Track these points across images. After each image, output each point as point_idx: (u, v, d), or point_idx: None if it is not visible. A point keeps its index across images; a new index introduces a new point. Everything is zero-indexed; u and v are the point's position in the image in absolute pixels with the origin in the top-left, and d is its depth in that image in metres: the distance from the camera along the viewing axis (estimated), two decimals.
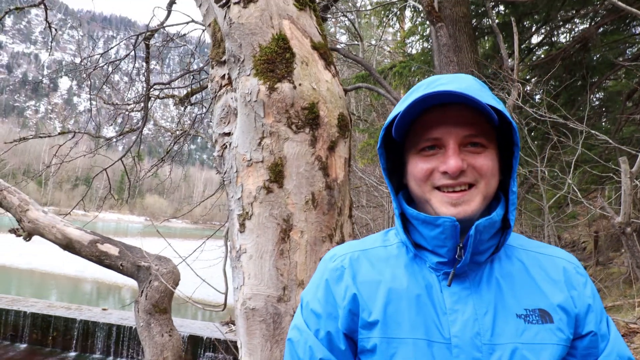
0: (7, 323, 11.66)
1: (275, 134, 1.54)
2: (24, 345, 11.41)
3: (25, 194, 4.22)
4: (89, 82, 7.09)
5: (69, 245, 3.89)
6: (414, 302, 0.99)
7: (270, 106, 1.54)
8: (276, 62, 1.56)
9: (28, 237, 4.08)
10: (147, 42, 6.17)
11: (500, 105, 0.98)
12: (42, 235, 4.01)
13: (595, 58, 8.81)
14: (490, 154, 0.99)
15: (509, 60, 5.12)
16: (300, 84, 1.55)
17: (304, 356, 1.04)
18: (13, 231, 4.18)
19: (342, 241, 1.60)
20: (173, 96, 6.84)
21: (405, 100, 1.01)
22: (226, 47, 1.67)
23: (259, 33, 1.58)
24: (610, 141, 3.21)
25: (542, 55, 9.65)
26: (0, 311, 11.74)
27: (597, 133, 3.34)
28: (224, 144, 1.70)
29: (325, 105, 1.58)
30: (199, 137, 7.15)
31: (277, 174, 1.53)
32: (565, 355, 0.97)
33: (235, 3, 1.58)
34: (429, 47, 8.59)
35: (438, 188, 0.98)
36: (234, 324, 11.39)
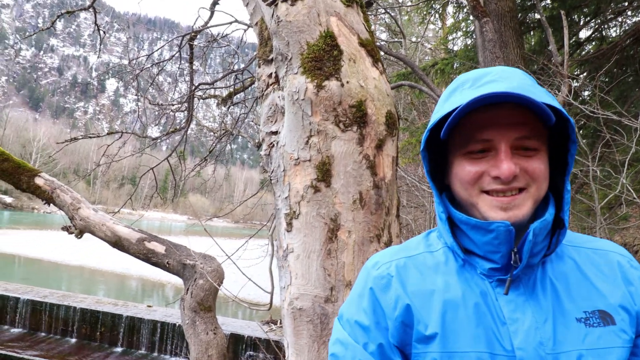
0: (58, 318, 12.16)
1: (322, 132, 1.52)
2: (73, 340, 11.87)
3: (76, 193, 4.37)
4: (136, 84, 7.30)
5: (117, 242, 4.00)
6: (473, 312, 0.94)
7: (317, 104, 1.52)
8: (324, 59, 1.54)
9: (80, 234, 4.22)
10: (191, 43, 6.29)
11: (555, 102, 0.92)
12: (92, 233, 4.15)
13: None
14: (543, 157, 0.93)
15: (558, 54, 4.94)
16: (347, 82, 1.53)
17: None
18: (65, 228, 4.33)
19: (389, 241, 1.57)
20: (215, 96, 6.95)
21: (450, 98, 0.97)
22: (273, 46, 1.66)
23: (307, 31, 1.57)
24: None
25: (592, 50, 9.29)
26: (52, 306, 12.25)
27: None
28: (271, 143, 1.69)
29: (372, 103, 1.55)
30: (240, 137, 7.24)
31: (324, 172, 1.51)
32: (628, 355, 0.90)
33: (283, 1, 1.58)
34: (472, 43, 8.42)
35: (487, 192, 0.93)
36: (275, 324, 11.51)
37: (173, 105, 7.48)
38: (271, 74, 1.74)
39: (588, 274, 0.95)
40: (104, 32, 7.40)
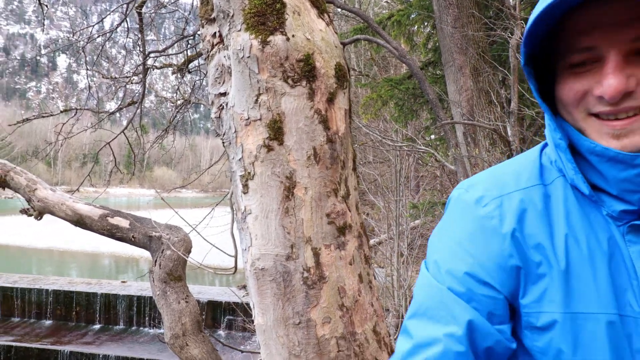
0: (31, 302, 12.02)
1: (271, 89, 1.49)
2: (49, 322, 11.79)
3: (32, 174, 4.23)
4: (85, 58, 6.99)
5: (79, 221, 3.91)
6: (603, 264, 0.76)
7: (264, 61, 1.48)
8: (267, 14, 1.49)
9: (39, 216, 4.10)
10: (139, 11, 6.03)
11: None
12: (52, 213, 4.04)
13: None
14: None
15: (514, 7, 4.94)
16: (293, 35, 1.49)
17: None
18: (24, 211, 4.21)
19: (347, 195, 1.57)
20: (170, 65, 6.73)
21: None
22: (214, 3, 1.60)
23: None
24: None
25: None
26: (23, 291, 12.08)
27: None
28: (221, 105, 1.65)
29: (320, 56, 1.52)
30: (202, 106, 7.08)
31: (276, 131, 1.49)
32: None
33: None
34: None
35: (596, 114, 0.75)
36: None
37: (127, 77, 7.22)
38: (215, 33, 1.68)
39: None
40: (47, 7, 7.00)
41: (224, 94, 1.64)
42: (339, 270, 1.50)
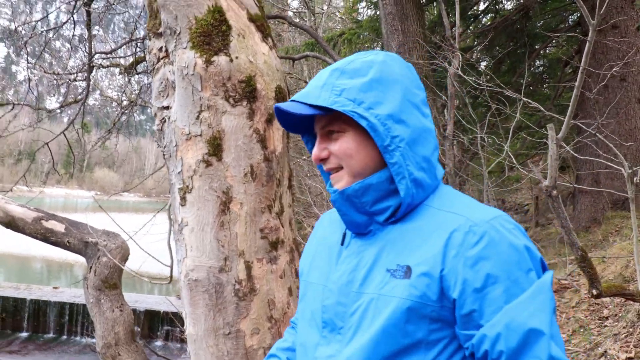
0: None
1: (213, 107, 1.55)
2: None
3: None
4: (27, 50, 6.73)
5: (11, 223, 3.76)
6: (325, 254, 1.16)
7: (207, 79, 1.54)
8: (212, 34, 1.55)
9: None
10: (87, 8, 5.90)
11: (345, 96, 1.04)
12: None
13: (537, 25, 9.05)
14: (350, 136, 1.06)
15: (452, 29, 5.21)
16: (237, 57, 1.56)
17: None
18: None
19: (281, 211, 1.65)
20: (118, 65, 6.60)
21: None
22: (162, 19, 1.64)
23: (195, 5, 1.57)
24: (542, 109, 3.38)
25: (488, 23, 9.83)
26: None
27: (530, 101, 3.50)
28: (163, 118, 1.69)
29: (262, 78, 1.60)
30: (149, 108, 6.96)
31: (215, 147, 1.54)
32: (432, 315, 0.96)
33: None
34: (378, 13, 8.59)
35: None
36: None
37: (72, 74, 7.00)
38: (161, 47, 1.72)
39: (424, 233, 1.02)
40: None
41: (167, 108, 1.68)
42: (269, 283, 1.57)
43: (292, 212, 1.71)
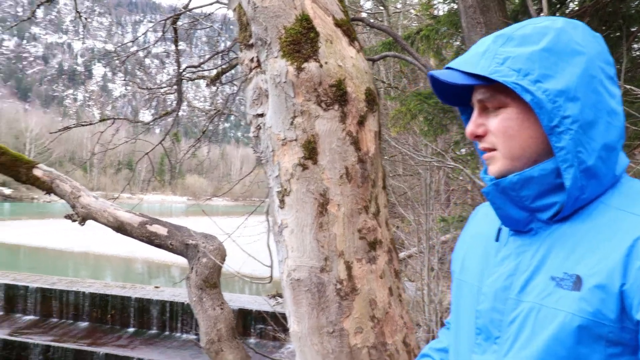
0: (69, 303, 12.38)
1: (306, 112, 1.60)
2: (85, 324, 12.14)
3: (75, 181, 4.45)
4: (124, 69, 7.27)
5: (120, 227, 4.09)
6: (483, 251, 1.06)
7: (299, 86, 1.59)
8: (301, 42, 1.60)
9: (82, 221, 4.31)
10: (174, 26, 6.26)
11: (509, 65, 0.90)
12: (95, 219, 4.24)
13: (633, 6, 8.31)
14: (510, 113, 0.93)
15: (537, 16, 4.90)
16: (326, 62, 1.60)
17: None
18: (69, 217, 4.42)
19: (377, 212, 1.66)
20: (204, 77, 6.95)
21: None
22: (252, 31, 1.72)
23: (283, 15, 1.62)
24: None
25: (577, 7, 9.18)
26: (62, 292, 12.47)
27: (632, 88, 3.21)
28: (258, 125, 1.77)
29: (352, 81, 1.62)
30: (232, 115, 7.27)
31: (310, 151, 1.59)
32: (609, 336, 0.81)
33: None
34: (456, 7, 8.31)
35: None
36: (280, 297, 11.74)
37: (162, 88, 7.48)
38: (253, 58, 1.80)
39: (599, 238, 0.87)
40: (86, 18, 7.33)
41: (262, 115, 1.76)
42: (370, 283, 1.60)
43: (388, 213, 1.72)
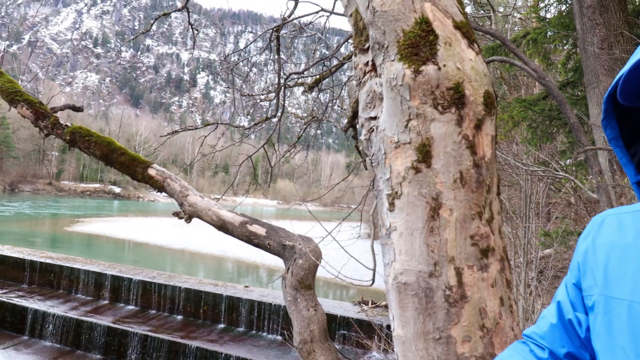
0: (166, 297, 13.22)
1: (421, 115, 1.59)
2: (180, 317, 12.89)
3: (184, 181, 4.76)
4: (229, 78, 7.67)
5: (222, 226, 4.31)
6: (637, 263, 0.93)
7: (415, 89, 1.59)
8: (420, 45, 1.60)
9: (188, 219, 4.59)
10: (278, 35, 6.51)
11: None
12: (199, 218, 4.50)
13: None
14: None
15: None
16: (444, 65, 1.58)
17: None
18: (176, 214, 4.74)
19: (491, 218, 1.61)
20: (302, 84, 7.15)
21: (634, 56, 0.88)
22: (369, 35, 1.75)
23: (402, 19, 1.63)
24: None
25: None
26: (160, 286, 13.35)
27: None
28: (371, 128, 1.79)
29: (470, 84, 1.59)
30: (325, 122, 7.39)
31: (424, 154, 1.58)
32: None
33: None
34: (567, 9, 7.86)
35: None
36: (366, 304, 11.68)
37: (263, 94, 7.79)
38: (367, 62, 1.82)
39: None
40: (197, 31, 7.85)
41: (375, 118, 1.77)
42: (480, 291, 1.55)
43: (502, 220, 1.66)
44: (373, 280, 2.79)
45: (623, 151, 1.00)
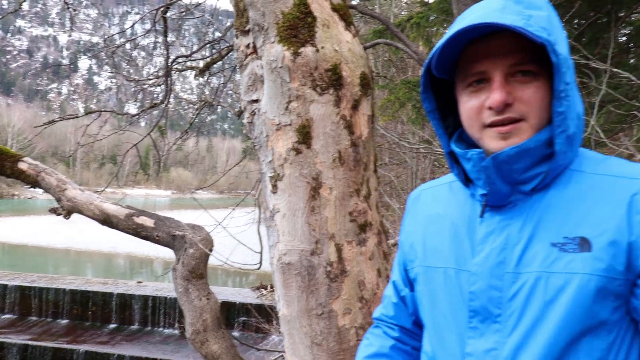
0: (48, 301, 12.19)
1: (301, 97, 1.61)
2: (65, 321, 11.98)
3: (61, 175, 4.40)
4: (111, 61, 7.19)
5: (106, 220, 4.06)
6: (450, 232, 1.03)
7: (295, 71, 1.61)
8: (298, 27, 1.62)
9: (67, 215, 4.26)
10: (164, 16, 6.21)
11: (528, 24, 0.87)
12: (80, 213, 4.19)
13: None
14: (542, 83, 0.92)
15: None
16: (322, 47, 1.62)
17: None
18: (53, 210, 4.37)
19: (369, 195, 1.69)
20: (192, 68, 6.91)
21: (445, 35, 0.95)
22: (250, 17, 1.73)
23: (281, 0, 1.64)
24: (633, 78, 3.15)
25: None
26: (41, 290, 12.27)
27: (619, 71, 3.28)
28: (253, 111, 1.78)
29: (347, 66, 1.64)
30: (219, 107, 7.23)
31: (305, 135, 1.61)
32: (616, 290, 0.87)
33: None
34: None
35: (489, 125, 0.94)
36: (265, 289, 11.72)
37: (150, 80, 7.41)
38: (249, 44, 1.81)
39: (590, 201, 0.91)
40: (74, 10, 7.24)
41: (256, 101, 1.77)
42: (359, 265, 1.62)
43: (378, 196, 1.75)
44: (260, 263, 2.80)
45: (439, 123, 1.06)
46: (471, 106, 0.96)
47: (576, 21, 8.35)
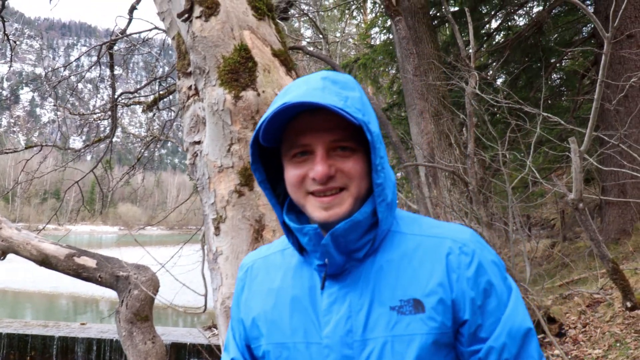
0: None
1: (243, 139, 1.62)
2: None
3: None
4: (54, 94, 7.00)
5: (45, 260, 3.87)
6: (293, 305, 1.04)
7: (236, 114, 1.62)
8: (239, 71, 1.63)
9: (2, 255, 4.04)
10: (110, 52, 6.13)
11: (347, 105, 0.96)
12: (16, 253, 3.99)
13: (552, 39, 9.08)
14: (359, 157, 0.99)
15: (467, 48, 5.30)
16: (263, 91, 1.64)
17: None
18: None
19: None
20: (140, 103, 6.81)
21: (270, 108, 1.00)
22: (191, 60, 1.74)
23: (222, 45, 1.66)
24: (563, 122, 3.39)
25: (502, 40, 9.89)
26: None
27: (549, 115, 3.51)
28: (195, 152, 1.77)
29: None
30: (169, 142, 7.13)
31: (247, 177, 1.61)
32: (448, 341, 0.96)
33: (197, 17, 1.65)
34: (392, 38, 8.74)
35: (312, 193, 0.99)
36: (217, 328, 11.41)
37: (95, 114, 7.24)
38: (191, 86, 1.81)
39: (414, 262, 0.99)
40: (15, 42, 7.03)
41: (199, 142, 1.76)
42: None
43: None
44: (205, 306, 2.73)
45: (271, 193, 1.10)
46: (296, 175, 1.00)
47: (513, 66, 8.90)
